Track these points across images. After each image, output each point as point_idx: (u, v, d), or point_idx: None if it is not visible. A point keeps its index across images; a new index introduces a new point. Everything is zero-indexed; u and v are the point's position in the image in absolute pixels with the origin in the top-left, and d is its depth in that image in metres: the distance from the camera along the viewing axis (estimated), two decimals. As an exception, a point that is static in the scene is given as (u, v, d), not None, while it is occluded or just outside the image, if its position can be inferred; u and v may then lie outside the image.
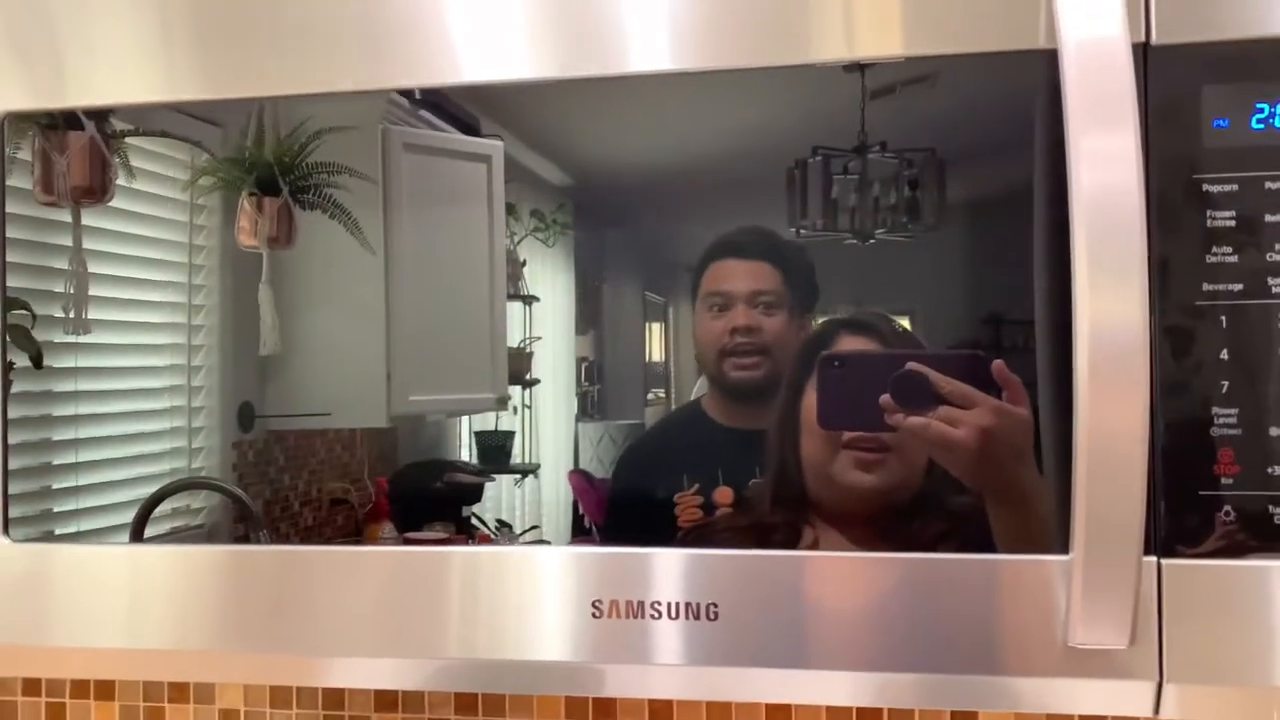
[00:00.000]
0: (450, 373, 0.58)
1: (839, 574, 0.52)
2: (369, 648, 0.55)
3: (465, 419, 0.58)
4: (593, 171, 0.57)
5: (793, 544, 0.53)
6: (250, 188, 0.58)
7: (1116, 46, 0.47)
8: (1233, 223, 0.49)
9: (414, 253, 0.58)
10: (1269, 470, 0.49)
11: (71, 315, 0.60)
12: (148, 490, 0.59)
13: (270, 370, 0.59)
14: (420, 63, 0.54)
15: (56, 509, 0.61)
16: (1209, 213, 0.50)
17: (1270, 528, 0.49)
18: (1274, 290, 0.49)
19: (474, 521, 0.58)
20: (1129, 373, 0.46)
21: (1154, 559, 0.49)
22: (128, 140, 0.60)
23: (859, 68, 0.51)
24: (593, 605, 0.53)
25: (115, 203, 0.60)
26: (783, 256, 0.54)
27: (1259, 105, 0.49)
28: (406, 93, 0.56)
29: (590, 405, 0.56)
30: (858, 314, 0.54)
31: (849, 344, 0.53)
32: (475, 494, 0.57)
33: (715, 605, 0.52)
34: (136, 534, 0.59)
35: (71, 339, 0.60)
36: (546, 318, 0.57)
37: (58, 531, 0.61)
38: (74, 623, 0.57)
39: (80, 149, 0.59)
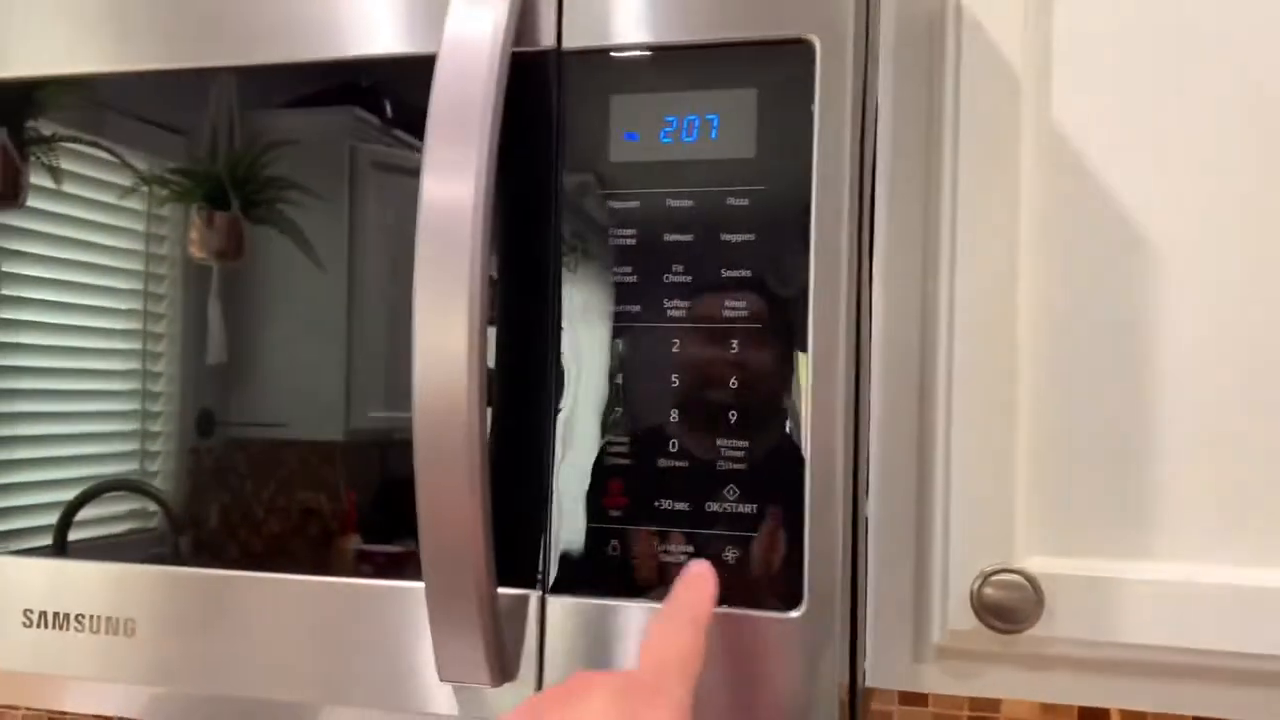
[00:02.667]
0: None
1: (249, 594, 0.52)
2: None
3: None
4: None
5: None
6: (199, 201, 0.58)
7: (482, 50, 0.45)
8: (633, 241, 0.48)
9: (379, 270, 0.57)
10: (656, 504, 0.47)
11: None
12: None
13: (232, 379, 0.58)
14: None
15: None
16: (613, 230, 0.48)
17: (656, 565, 0.47)
18: (670, 313, 0.47)
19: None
20: (454, 399, 0.44)
21: (537, 594, 0.48)
22: (67, 145, 0.59)
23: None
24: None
25: (66, 209, 0.60)
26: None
27: (668, 118, 0.48)
28: (377, 110, 0.55)
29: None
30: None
31: None
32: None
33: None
34: (60, 536, 0.59)
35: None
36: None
37: None
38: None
39: None
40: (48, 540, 0.59)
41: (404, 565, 0.53)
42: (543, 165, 0.50)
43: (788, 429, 0.46)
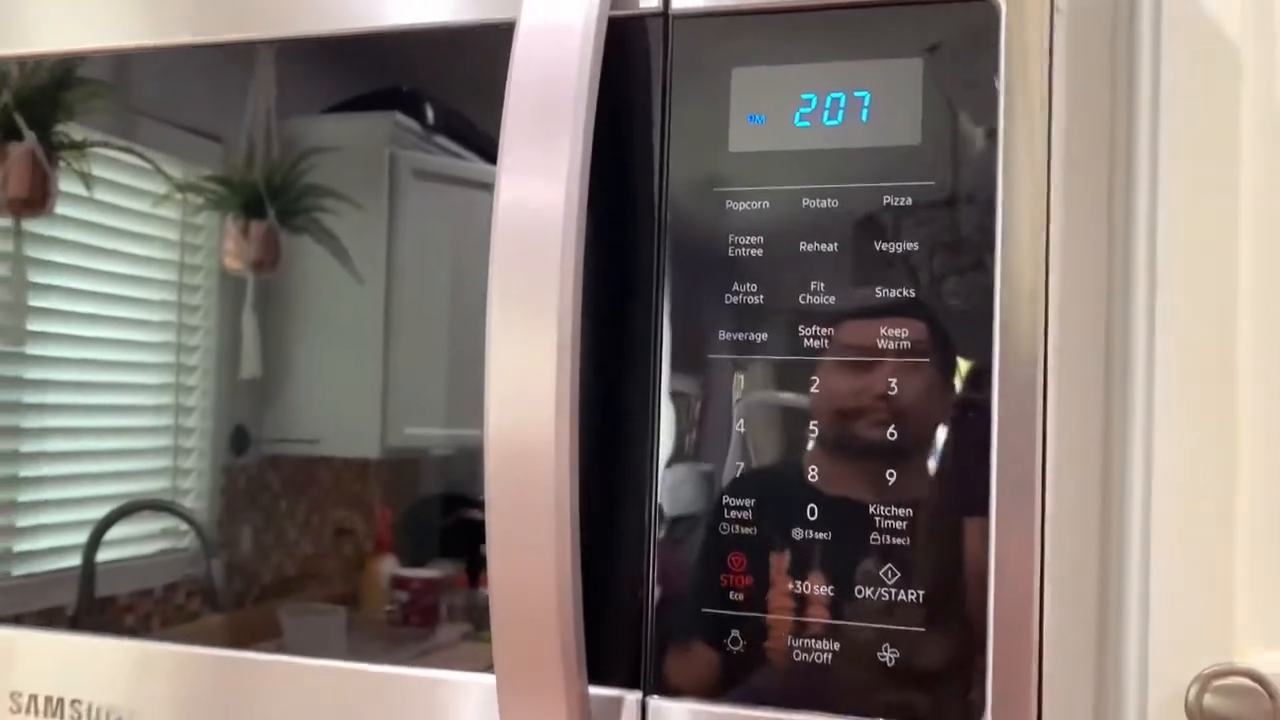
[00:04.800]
0: (453, 407, 0.58)
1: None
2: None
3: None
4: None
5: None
6: (235, 209, 0.56)
7: (573, 16, 0.37)
8: (760, 251, 0.40)
9: (419, 282, 0.55)
10: (790, 586, 0.38)
11: (6, 324, 0.60)
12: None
13: (267, 395, 0.57)
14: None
15: (18, 523, 0.60)
16: (731, 238, 0.40)
17: (789, 664, 0.38)
18: (807, 342, 0.39)
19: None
20: (537, 449, 0.36)
21: (637, 696, 0.40)
22: (99, 151, 0.58)
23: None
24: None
25: (97, 216, 0.59)
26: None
27: (805, 96, 0.40)
28: (419, 117, 0.54)
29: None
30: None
31: None
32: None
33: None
34: (89, 555, 0.57)
35: (29, 350, 0.60)
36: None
37: (16, 549, 0.60)
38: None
39: (19, 160, 0.59)
40: (76, 560, 0.58)
41: (440, 591, 0.49)
42: (644, 157, 0.42)
43: (966, 493, 0.37)
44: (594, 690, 0.40)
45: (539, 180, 0.38)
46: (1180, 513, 0.44)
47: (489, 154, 0.53)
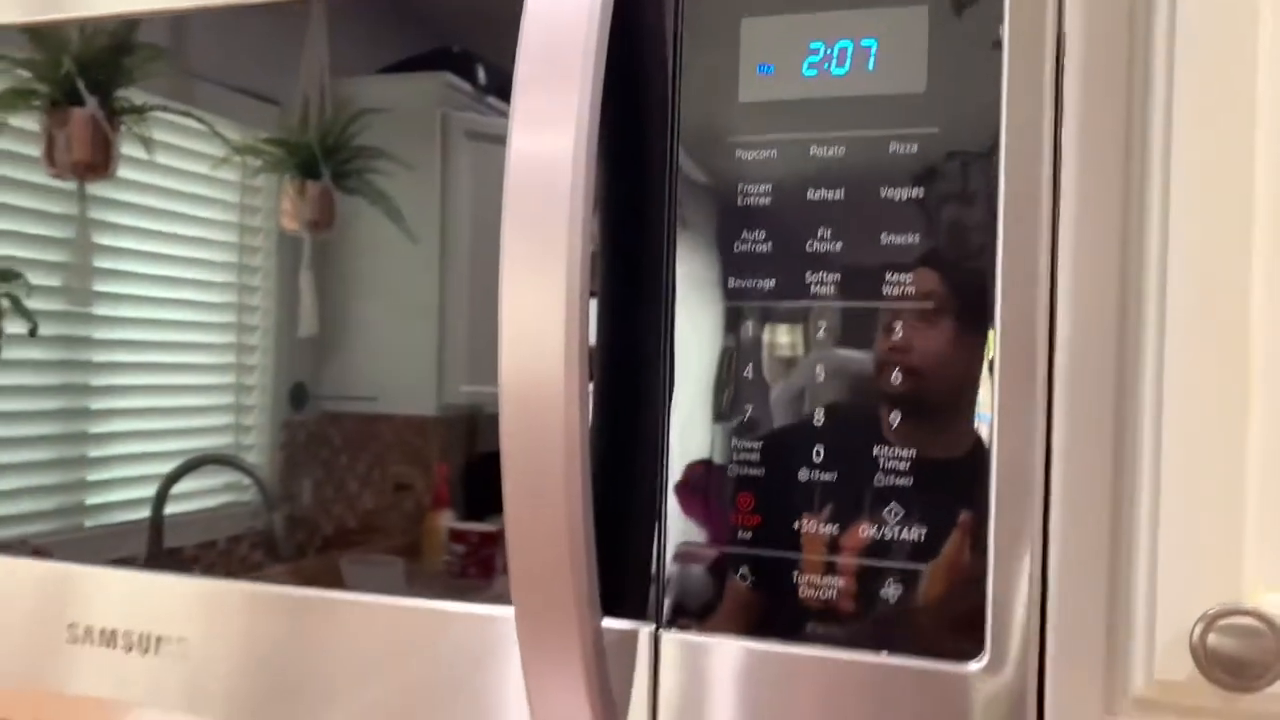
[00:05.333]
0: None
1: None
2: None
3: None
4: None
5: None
6: (291, 170, 0.57)
7: None
8: (768, 200, 0.40)
9: (473, 241, 0.55)
10: (795, 525, 0.39)
11: (74, 286, 0.61)
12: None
13: (325, 353, 0.58)
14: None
15: (90, 478, 0.62)
16: (741, 186, 0.40)
17: (793, 601, 0.39)
18: (814, 289, 0.39)
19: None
20: (548, 388, 0.37)
21: (650, 628, 0.41)
22: (158, 115, 0.59)
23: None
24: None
25: (158, 180, 0.60)
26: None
27: (813, 45, 0.40)
28: (470, 77, 0.54)
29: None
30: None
31: None
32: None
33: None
34: (157, 508, 0.59)
35: (96, 310, 0.61)
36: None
37: (88, 502, 0.62)
38: None
39: (81, 124, 0.60)
40: (146, 513, 0.60)
41: (496, 544, 0.49)
42: (654, 107, 0.42)
43: (966, 434, 0.38)
44: (608, 623, 0.42)
45: (549, 131, 0.38)
46: (1190, 454, 0.44)
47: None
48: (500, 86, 0.52)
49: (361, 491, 0.55)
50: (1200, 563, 0.44)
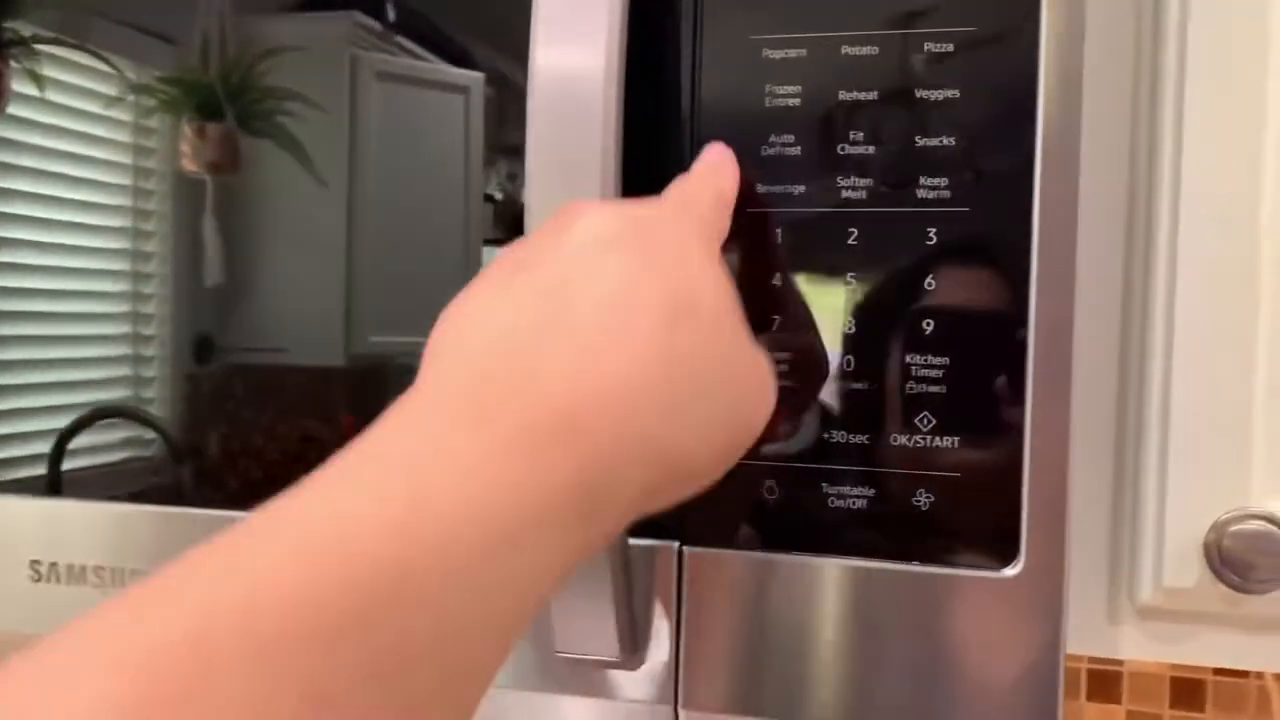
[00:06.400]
0: (417, 315, 0.57)
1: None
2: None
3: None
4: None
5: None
6: (190, 112, 0.55)
7: None
8: (797, 101, 0.38)
9: (381, 187, 0.54)
10: (825, 436, 0.38)
11: None
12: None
13: (229, 302, 0.56)
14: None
15: None
16: (769, 88, 0.38)
17: (821, 513, 0.38)
18: (845, 194, 0.38)
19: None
20: None
21: (674, 544, 0.40)
22: (49, 50, 0.56)
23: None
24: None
25: (50, 118, 0.57)
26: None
27: None
28: (380, 16, 0.52)
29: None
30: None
31: None
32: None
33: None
34: (54, 464, 0.57)
35: None
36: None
37: None
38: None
39: None
40: (42, 469, 0.57)
41: None
42: (681, 10, 0.39)
43: (1001, 341, 0.37)
44: (633, 541, 0.40)
45: (574, 48, 0.35)
46: (1200, 363, 0.45)
47: (450, 55, 0.52)
48: (410, 26, 0.51)
49: (269, 444, 0.54)
50: (1211, 475, 0.45)
